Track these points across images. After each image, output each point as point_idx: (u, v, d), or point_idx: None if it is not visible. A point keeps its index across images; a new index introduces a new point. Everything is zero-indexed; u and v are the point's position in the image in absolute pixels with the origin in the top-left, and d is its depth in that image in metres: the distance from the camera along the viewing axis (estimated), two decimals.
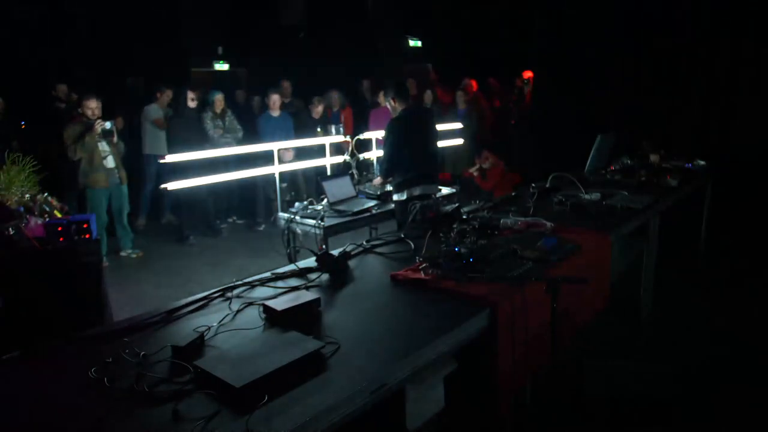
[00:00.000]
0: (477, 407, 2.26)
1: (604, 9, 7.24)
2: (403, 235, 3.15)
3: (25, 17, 8.56)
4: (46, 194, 3.80)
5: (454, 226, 2.97)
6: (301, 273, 2.59)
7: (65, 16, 9.15)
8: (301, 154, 6.63)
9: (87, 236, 3.56)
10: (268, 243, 6.39)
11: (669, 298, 4.52)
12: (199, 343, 1.88)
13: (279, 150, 5.13)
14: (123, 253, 6.30)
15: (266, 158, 5.15)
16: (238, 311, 2.18)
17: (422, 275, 2.49)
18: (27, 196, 3.67)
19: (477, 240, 2.81)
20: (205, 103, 7.28)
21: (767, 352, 3.77)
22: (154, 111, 7.17)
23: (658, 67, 7.06)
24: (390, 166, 4.33)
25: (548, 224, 3.17)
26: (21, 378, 1.74)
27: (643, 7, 7.05)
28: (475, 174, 7.09)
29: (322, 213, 4.19)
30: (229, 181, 5.42)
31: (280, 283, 2.48)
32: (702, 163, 5.36)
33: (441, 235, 2.87)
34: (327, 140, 5.65)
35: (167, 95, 7.22)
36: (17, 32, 8.40)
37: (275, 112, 7.08)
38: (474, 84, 8.88)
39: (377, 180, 4.81)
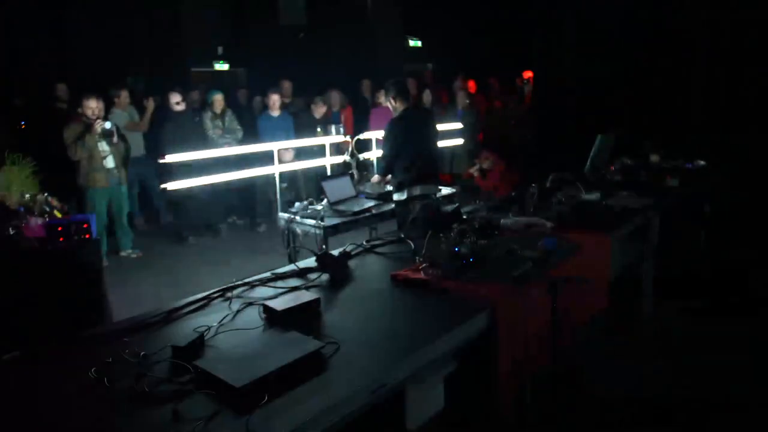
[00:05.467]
0: (477, 407, 2.26)
1: (604, 9, 7.24)
2: (403, 235, 3.15)
3: (26, 17, 8.56)
4: (46, 194, 3.80)
5: (454, 226, 2.97)
6: (301, 273, 2.59)
7: (65, 16, 9.15)
8: (302, 154, 6.62)
9: (87, 236, 3.57)
10: (268, 243, 6.40)
11: (669, 298, 4.51)
12: (199, 343, 1.88)
13: (279, 150, 5.13)
14: (123, 253, 6.29)
15: (266, 158, 5.15)
16: (238, 311, 2.18)
17: (422, 275, 2.48)
18: (27, 196, 3.67)
19: (477, 240, 2.80)
20: (204, 103, 7.24)
21: (767, 351, 3.77)
22: (119, 116, 6.81)
23: (658, 66, 7.06)
24: (388, 164, 4.33)
25: (548, 224, 3.17)
26: (21, 378, 1.74)
27: (642, 6, 7.05)
28: (475, 174, 7.08)
29: (322, 213, 4.19)
30: (228, 181, 5.43)
31: (280, 283, 2.48)
32: (702, 163, 5.36)
33: (441, 235, 2.87)
34: (327, 140, 5.65)
35: (124, 96, 7.02)
36: (17, 32, 8.40)
37: (275, 112, 7.08)
38: (472, 84, 8.87)
39: (375, 178, 4.81)
